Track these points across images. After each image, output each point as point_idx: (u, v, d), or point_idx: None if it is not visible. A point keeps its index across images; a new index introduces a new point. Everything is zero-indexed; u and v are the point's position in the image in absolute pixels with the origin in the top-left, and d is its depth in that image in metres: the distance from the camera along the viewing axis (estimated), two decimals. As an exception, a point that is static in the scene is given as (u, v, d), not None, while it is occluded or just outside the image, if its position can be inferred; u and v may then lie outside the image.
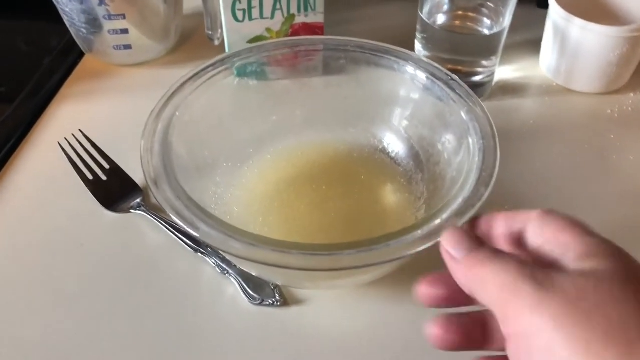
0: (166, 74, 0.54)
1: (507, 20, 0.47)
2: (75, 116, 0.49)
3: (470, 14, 0.49)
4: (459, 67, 0.49)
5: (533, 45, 0.55)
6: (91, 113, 0.50)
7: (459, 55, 0.49)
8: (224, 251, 0.30)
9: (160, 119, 0.37)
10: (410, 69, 0.41)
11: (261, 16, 0.49)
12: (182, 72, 0.40)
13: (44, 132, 0.48)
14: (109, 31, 0.50)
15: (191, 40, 0.57)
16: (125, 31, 0.50)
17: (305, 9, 0.49)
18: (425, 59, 0.41)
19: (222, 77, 0.40)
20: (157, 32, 0.53)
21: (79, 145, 0.44)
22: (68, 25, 0.52)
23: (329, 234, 0.39)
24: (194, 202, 0.32)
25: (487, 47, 0.48)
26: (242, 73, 0.42)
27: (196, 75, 0.39)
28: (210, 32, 0.52)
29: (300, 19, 0.49)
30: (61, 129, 0.48)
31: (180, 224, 0.30)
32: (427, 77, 0.40)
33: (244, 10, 0.48)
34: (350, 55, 0.42)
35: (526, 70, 0.54)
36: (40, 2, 0.51)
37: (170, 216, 0.30)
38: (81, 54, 0.55)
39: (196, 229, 0.30)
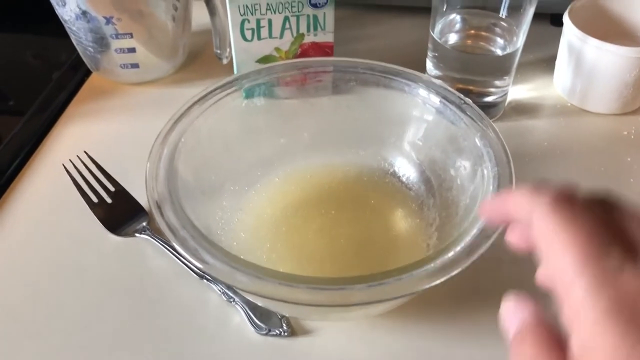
0: (174, 92, 0.53)
1: (520, 40, 0.46)
2: (81, 136, 0.49)
3: (483, 34, 0.49)
4: (471, 87, 0.48)
5: (547, 64, 0.54)
6: (97, 133, 0.49)
7: (471, 75, 0.48)
8: (229, 285, 0.29)
9: (166, 143, 0.36)
10: (421, 91, 0.40)
11: (270, 36, 0.48)
12: (190, 90, 0.39)
13: (49, 152, 0.47)
14: (116, 50, 0.50)
15: (199, 58, 0.57)
16: (132, 50, 0.50)
17: (315, 29, 0.48)
18: (436, 81, 0.40)
19: (229, 99, 0.40)
20: (165, 50, 0.53)
21: (83, 167, 0.44)
22: (75, 43, 0.51)
23: (338, 261, 0.38)
24: (199, 231, 0.31)
25: (499, 67, 0.47)
26: (250, 94, 0.41)
27: (203, 98, 0.39)
28: (218, 51, 0.52)
29: (309, 39, 0.49)
30: (67, 149, 0.47)
31: (185, 254, 0.29)
32: (439, 100, 0.39)
33: (252, 29, 0.47)
34: (360, 77, 0.42)
35: (540, 89, 0.53)
36: (49, 16, 0.51)
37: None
38: (88, 71, 0.55)
39: (201, 260, 0.29)
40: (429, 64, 0.50)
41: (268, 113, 0.43)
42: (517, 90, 0.53)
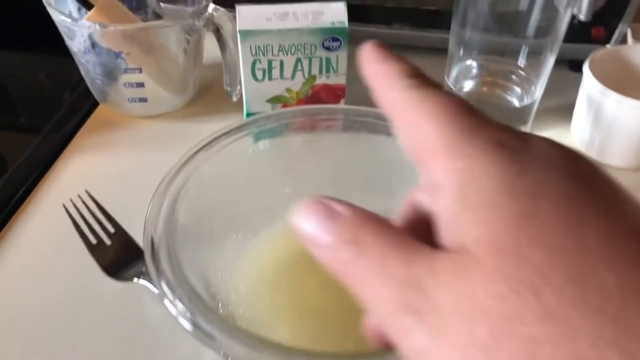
0: (182, 128, 0.52)
1: (539, 91, 0.45)
2: (85, 169, 0.48)
3: (500, 81, 0.47)
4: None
5: (564, 111, 0.53)
6: (101, 167, 0.48)
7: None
8: (224, 354, 0.27)
9: (167, 192, 0.35)
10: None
11: (281, 76, 0.47)
12: (198, 126, 0.38)
13: (51, 187, 0.46)
14: (124, 84, 0.49)
15: (209, 93, 0.56)
16: (141, 84, 0.49)
17: (327, 71, 0.47)
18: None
19: (235, 146, 0.38)
20: (175, 84, 0.52)
21: (84, 207, 0.43)
22: (83, 75, 0.51)
23: (342, 319, 0.36)
24: (195, 292, 0.29)
25: (517, 118, 0.46)
26: (257, 139, 0.40)
27: (208, 144, 0.37)
28: (228, 88, 0.51)
29: (321, 80, 0.48)
30: (69, 183, 0.46)
31: (178, 319, 0.28)
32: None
33: (263, 69, 0.46)
34: (371, 125, 0.40)
35: (557, 138, 0.52)
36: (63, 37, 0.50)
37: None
38: (96, 102, 0.54)
39: (195, 325, 0.28)
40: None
41: (274, 159, 0.41)
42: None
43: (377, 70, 0.20)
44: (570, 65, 0.59)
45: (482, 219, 0.15)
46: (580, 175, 0.16)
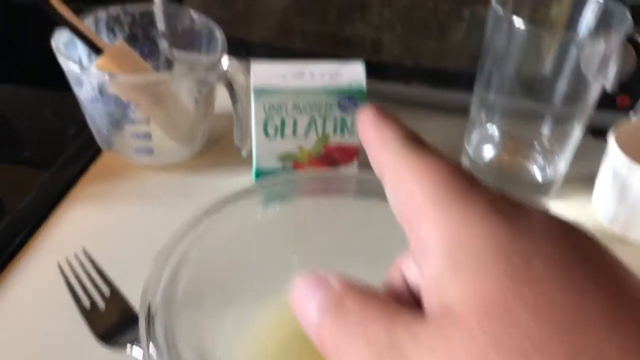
0: (188, 181, 0.50)
1: (563, 165, 0.43)
2: (84, 222, 0.46)
3: (522, 149, 0.45)
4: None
5: (586, 180, 0.50)
6: (101, 220, 0.46)
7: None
8: None
9: (169, 258, 0.33)
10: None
11: (294, 134, 0.45)
12: (205, 180, 0.36)
13: (47, 240, 0.44)
14: (131, 135, 0.47)
15: (219, 144, 0.54)
16: (148, 136, 0.47)
17: (342, 131, 0.45)
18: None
19: (243, 211, 0.36)
20: (184, 135, 0.50)
21: (80, 267, 0.40)
22: (88, 122, 0.49)
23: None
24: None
25: (538, 191, 0.44)
26: (266, 202, 0.38)
27: (215, 208, 0.35)
28: (239, 143, 0.49)
29: (335, 140, 0.46)
30: (66, 237, 0.44)
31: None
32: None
33: (276, 127, 0.45)
34: (383, 193, 0.38)
35: (578, 209, 0.50)
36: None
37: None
38: (100, 148, 0.52)
39: None
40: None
41: (282, 225, 0.39)
42: (554, 208, 0.49)
43: (373, 133, 0.20)
44: (592, 132, 0.57)
45: (471, 279, 0.15)
46: (579, 246, 0.15)
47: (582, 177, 0.51)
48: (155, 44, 0.54)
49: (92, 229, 0.45)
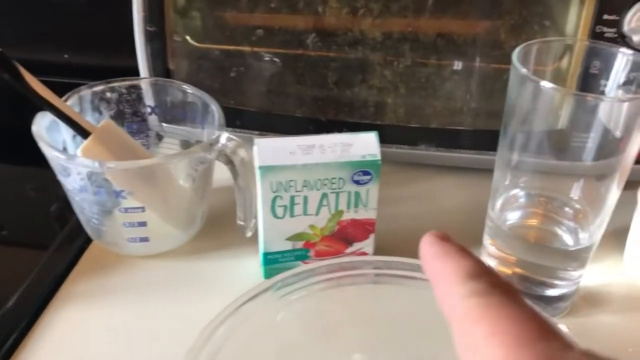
0: (188, 267, 0.45)
1: (598, 232, 0.39)
2: (74, 326, 0.41)
3: (551, 215, 0.42)
4: (531, 275, 0.41)
5: (615, 237, 0.47)
6: (95, 322, 0.41)
7: (535, 261, 0.41)
8: None
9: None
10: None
11: (305, 213, 0.41)
12: (207, 265, 0.33)
13: (33, 354, 0.39)
14: (124, 224, 0.43)
15: (219, 223, 0.49)
16: (143, 224, 0.43)
17: (356, 205, 0.42)
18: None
19: (258, 316, 0.32)
20: (182, 219, 0.46)
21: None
22: (76, 212, 0.45)
23: None
24: None
25: (571, 258, 0.40)
26: (280, 300, 0.34)
27: (230, 316, 0.31)
28: (242, 223, 0.45)
29: (349, 215, 0.42)
30: (54, 347, 0.39)
31: None
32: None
33: (285, 206, 0.41)
34: (405, 279, 0.35)
35: (608, 267, 0.46)
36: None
37: None
38: (89, 238, 0.47)
39: None
40: (486, 239, 0.43)
41: (301, 323, 0.35)
42: (587, 273, 0.45)
43: (437, 268, 0.20)
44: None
45: None
46: None
47: (613, 231, 0.48)
48: (145, 120, 0.50)
49: (85, 333, 0.40)
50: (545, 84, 0.35)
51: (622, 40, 0.46)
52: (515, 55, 0.36)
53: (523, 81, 0.36)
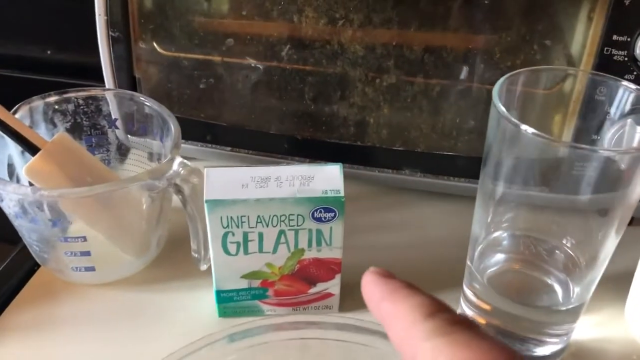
0: (141, 298, 0.42)
1: (593, 281, 0.34)
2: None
3: (538, 262, 0.37)
4: (515, 331, 0.36)
5: (615, 283, 0.41)
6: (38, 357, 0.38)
7: (519, 314, 0.36)
8: None
9: None
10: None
11: (260, 250, 0.37)
12: (162, 296, 0.34)
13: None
14: (65, 252, 0.39)
15: (179, 249, 0.45)
16: (86, 253, 0.39)
17: (318, 244, 0.37)
18: None
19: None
20: (134, 246, 0.43)
21: None
22: (20, 235, 0.41)
23: None
24: None
25: (559, 314, 0.35)
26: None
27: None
28: (196, 255, 0.41)
29: (311, 254, 0.38)
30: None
31: None
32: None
33: (237, 243, 0.37)
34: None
35: (607, 321, 0.41)
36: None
37: None
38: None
39: None
40: (466, 291, 0.39)
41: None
42: (580, 324, 0.40)
43: (388, 310, 0.19)
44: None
45: None
46: None
47: (614, 274, 0.42)
48: (104, 133, 0.46)
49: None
50: (527, 130, 0.29)
51: (634, 64, 0.40)
52: (496, 89, 0.31)
53: (500, 122, 0.31)
